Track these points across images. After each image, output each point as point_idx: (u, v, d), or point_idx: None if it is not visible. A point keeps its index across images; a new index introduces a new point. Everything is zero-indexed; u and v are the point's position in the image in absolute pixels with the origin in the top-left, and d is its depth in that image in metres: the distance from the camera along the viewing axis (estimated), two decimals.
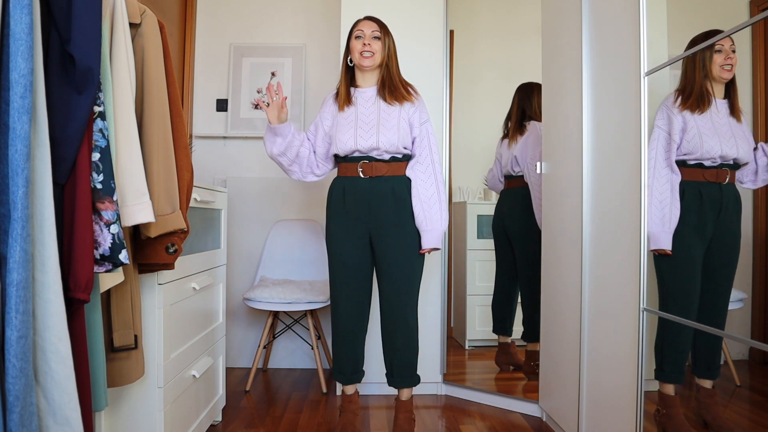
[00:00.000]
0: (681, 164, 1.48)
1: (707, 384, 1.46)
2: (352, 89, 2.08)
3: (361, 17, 2.10)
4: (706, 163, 1.43)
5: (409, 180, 2.02)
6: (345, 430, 2.03)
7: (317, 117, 2.13)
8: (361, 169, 1.99)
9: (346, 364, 2.08)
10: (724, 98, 1.40)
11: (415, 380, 2.07)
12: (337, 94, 2.10)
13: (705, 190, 1.44)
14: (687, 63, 1.46)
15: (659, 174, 1.51)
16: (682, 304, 1.51)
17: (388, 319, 2.03)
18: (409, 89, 2.08)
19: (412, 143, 2.04)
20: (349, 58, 2.07)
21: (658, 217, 1.51)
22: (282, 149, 2.04)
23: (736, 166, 1.37)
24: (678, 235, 1.49)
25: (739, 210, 1.34)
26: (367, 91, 2.07)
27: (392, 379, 2.07)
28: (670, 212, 1.49)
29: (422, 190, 2.00)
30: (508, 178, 2.75)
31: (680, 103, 1.47)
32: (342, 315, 2.05)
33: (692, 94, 1.44)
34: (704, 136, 1.42)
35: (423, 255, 2.04)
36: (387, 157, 2.00)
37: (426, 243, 2.00)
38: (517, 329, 2.76)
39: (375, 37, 2.01)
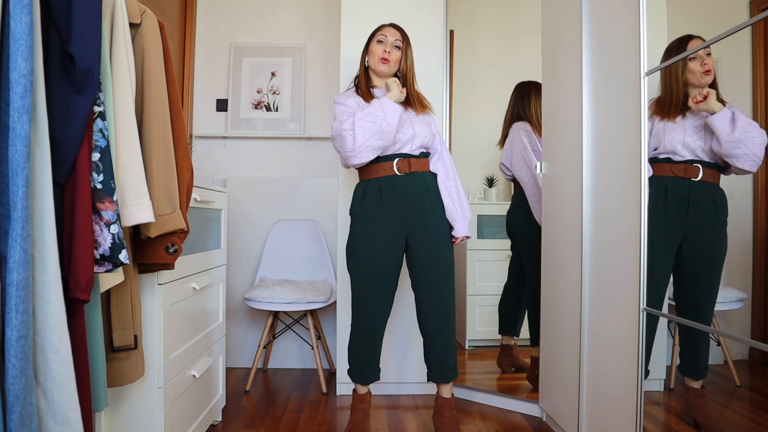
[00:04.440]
0: (653, 160, 1.50)
1: (696, 384, 1.46)
2: (371, 90, 2.07)
3: (386, 23, 2.09)
4: (675, 158, 1.44)
5: (434, 175, 2.08)
6: (354, 430, 2.03)
7: (344, 109, 2.00)
8: (396, 167, 1.99)
9: (369, 365, 2.08)
10: None
11: (457, 374, 2.08)
12: (357, 89, 2.08)
13: (671, 184, 1.45)
14: (664, 74, 1.48)
15: None
16: (649, 294, 1.51)
17: (432, 314, 2.02)
18: (425, 102, 2.11)
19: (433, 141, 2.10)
20: (366, 59, 2.08)
21: None
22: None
23: (716, 166, 1.36)
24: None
25: (719, 207, 1.34)
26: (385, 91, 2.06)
27: (441, 374, 2.05)
28: None
29: (448, 183, 2.07)
30: (512, 180, 2.75)
31: (654, 113, 1.49)
32: (369, 319, 2.03)
33: (671, 104, 1.46)
34: (667, 130, 1.45)
35: (453, 247, 2.08)
36: (418, 152, 2.03)
37: (459, 231, 2.05)
38: (524, 329, 2.76)
39: (396, 47, 2.02)
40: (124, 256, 1.17)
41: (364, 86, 2.06)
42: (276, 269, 3.02)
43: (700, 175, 1.39)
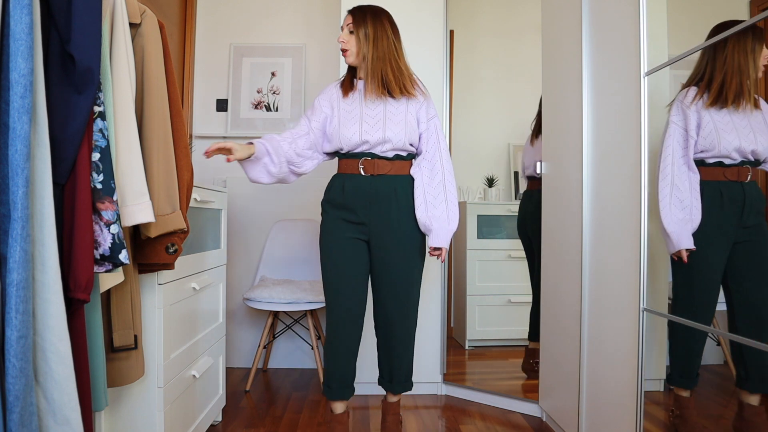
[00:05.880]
0: (700, 163, 1.37)
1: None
2: (355, 80, 1.97)
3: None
4: (726, 161, 1.32)
5: (413, 180, 1.91)
6: None
7: (309, 114, 1.97)
8: (362, 166, 1.87)
9: (334, 375, 1.92)
10: None
11: (410, 386, 2.01)
12: (342, 83, 1.98)
13: (726, 189, 1.33)
14: (723, 56, 1.31)
15: (678, 172, 1.40)
16: (701, 309, 1.41)
17: (385, 329, 1.94)
18: (409, 88, 1.90)
19: (419, 140, 1.92)
20: None
21: (679, 218, 1.40)
22: (275, 164, 1.92)
23: (757, 162, 1.28)
24: (699, 238, 1.38)
25: (763, 209, 1.26)
26: None
27: (390, 385, 2.00)
28: (691, 213, 1.38)
29: (428, 189, 1.89)
30: (530, 179, 2.72)
31: (705, 100, 1.33)
32: (337, 323, 1.89)
33: (733, 89, 1.30)
34: (721, 132, 1.31)
35: (423, 261, 1.95)
36: (391, 155, 1.88)
37: (432, 242, 1.87)
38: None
39: (349, 32, 1.89)
40: (124, 256, 1.17)
41: (347, 79, 1.97)
42: (276, 269, 3.02)
43: (749, 176, 1.29)
